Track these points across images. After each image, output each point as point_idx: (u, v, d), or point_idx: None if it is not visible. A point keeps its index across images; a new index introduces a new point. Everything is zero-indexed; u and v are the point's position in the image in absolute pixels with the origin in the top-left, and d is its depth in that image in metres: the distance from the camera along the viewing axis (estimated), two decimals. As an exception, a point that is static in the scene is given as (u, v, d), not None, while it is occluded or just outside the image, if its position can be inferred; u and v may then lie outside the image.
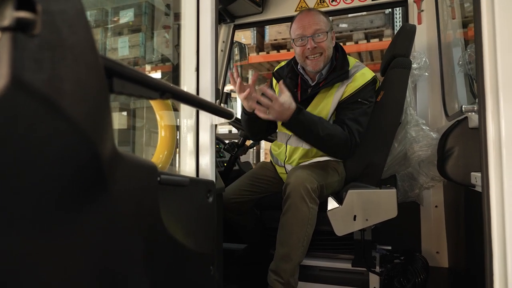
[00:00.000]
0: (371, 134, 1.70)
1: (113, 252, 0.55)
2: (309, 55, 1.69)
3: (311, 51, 1.67)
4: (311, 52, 1.67)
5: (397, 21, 3.87)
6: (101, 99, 0.46)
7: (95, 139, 0.44)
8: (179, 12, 1.82)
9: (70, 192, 0.45)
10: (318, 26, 1.66)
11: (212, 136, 1.08)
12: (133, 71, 0.54)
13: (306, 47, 1.67)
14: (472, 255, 1.43)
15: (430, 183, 1.90)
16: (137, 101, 3.88)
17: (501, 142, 0.85)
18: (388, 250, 1.89)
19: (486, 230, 0.88)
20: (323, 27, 1.67)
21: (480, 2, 0.87)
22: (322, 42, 1.66)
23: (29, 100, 0.36)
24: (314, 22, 1.66)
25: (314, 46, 1.66)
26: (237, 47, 2.84)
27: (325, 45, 1.67)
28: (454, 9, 2.16)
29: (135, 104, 3.89)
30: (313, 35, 1.65)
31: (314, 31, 1.65)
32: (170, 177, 0.73)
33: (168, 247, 0.71)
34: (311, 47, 1.65)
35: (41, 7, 0.37)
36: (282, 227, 1.55)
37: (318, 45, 1.66)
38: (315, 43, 1.66)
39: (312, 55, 1.68)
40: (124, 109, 3.79)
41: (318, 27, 1.65)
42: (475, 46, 0.91)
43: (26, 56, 0.35)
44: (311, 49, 1.66)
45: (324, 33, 1.66)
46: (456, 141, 1.47)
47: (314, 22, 1.66)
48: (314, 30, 1.65)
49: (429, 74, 2.07)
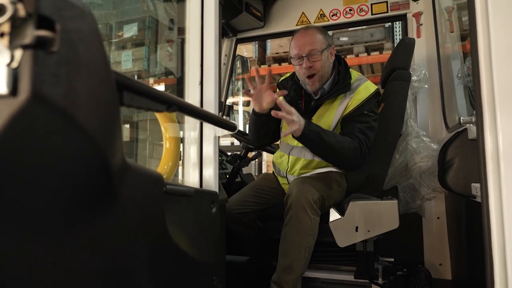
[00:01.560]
0: (372, 145, 1.72)
1: (119, 260, 0.57)
2: (307, 75, 1.73)
3: (307, 71, 1.72)
4: (307, 72, 1.72)
5: (397, 35, 3.93)
6: (113, 111, 0.48)
7: (106, 150, 0.46)
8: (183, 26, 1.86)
9: (81, 200, 0.47)
10: (312, 47, 1.70)
11: (216, 148, 1.10)
12: (142, 85, 0.57)
13: (302, 65, 1.72)
14: (475, 267, 1.43)
15: (432, 194, 1.91)
16: (140, 114, 3.92)
17: (499, 153, 0.87)
18: (391, 262, 1.88)
19: (486, 241, 0.89)
20: (318, 46, 1.71)
21: (476, 17, 0.90)
22: (316, 62, 1.71)
23: (48, 112, 0.38)
24: (309, 42, 1.71)
25: (309, 65, 1.71)
26: (239, 61, 2.89)
27: (319, 64, 1.72)
28: (452, 23, 2.20)
29: (138, 117, 3.92)
30: (308, 55, 1.70)
31: (308, 51, 1.70)
32: (176, 187, 0.75)
33: (172, 256, 0.72)
34: (306, 67, 1.71)
35: (60, 26, 0.39)
36: (284, 238, 1.55)
37: (313, 64, 1.71)
38: (310, 63, 1.71)
39: (309, 75, 1.73)
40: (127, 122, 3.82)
41: (312, 48, 1.70)
42: (472, 59, 0.94)
43: (45, 71, 0.38)
44: (306, 68, 1.71)
45: (318, 54, 1.71)
46: (456, 152, 1.49)
47: (309, 42, 1.71)
48: (308, 51, 1.70)
49: (429, 87, 2.10)
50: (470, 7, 0.92)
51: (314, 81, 1.74)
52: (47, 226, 0.43)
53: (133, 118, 3.89)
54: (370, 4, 2.43)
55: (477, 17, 0.91)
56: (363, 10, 2.44)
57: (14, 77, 0.37)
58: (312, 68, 1.71)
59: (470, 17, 0.93)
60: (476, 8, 0.91)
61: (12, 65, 0.37)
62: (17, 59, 0.37)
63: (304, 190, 1.54)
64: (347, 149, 1.60)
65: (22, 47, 0.37)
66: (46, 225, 0.43)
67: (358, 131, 1.66)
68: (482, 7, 0.90)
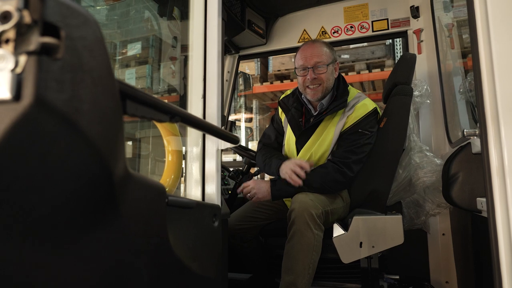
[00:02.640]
0: (375, 160, 1.71)
1: (120, 270, 0.56)
2: (309, 84, 1.75)
3: (311, 81, 1.74)
4: (311, 82, 1.74)
5: (398, 52, 3.97)
6: (116, 120, 0.48)
7: (108, 158, 0.46)
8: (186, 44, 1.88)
9: (82, 208, 0.46)
10: (319, 59, 1.73)
11: (218, 161, 1.10)
12: (145, 95, 0.57)
13: (306, 77, 1.74)
14: (483, 284, 1.40)
15: (436, 210, 1.88)
16: (142, 131, 3.93)
17: (504, 166, 0.87)
18: (396, 279, 1.85)
19: (493, 256, 0.87)
20: (324, 59, 1.73)
21: (477, 29, 0.91)
22: (322, 74, 1.73)
23: (51, 117, 0.38)
24: (315, 54, 1.74)
25: (314, 77, 1.73)
26: (241, 77, 2.91)
27: (325, 76, 1.74)
28: (452, 39, 2.22)
29: (140, 134, 3.94)
30: (313, 66, 1.72)
31: (315, 63, 1.73)
32: (178, 199, 0.75)
33: (174, 268, 0.71)
34: (311, 78, 1.73)
35: (65, 33, 0.40)
36: (287, 254, 1.53)
37: (318, 76, 1.73)
38: (315, 74, 1.73)
39: (312, 85, 1.75)
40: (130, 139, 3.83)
41: (319, 60, 1.73)
42: (474, 72, 0.94)
43: (49, 77, 0.38)
44: (311, 79, 1.73)
45: (324, 66, 1.73)
46: (460, 166, 1.47)
47: (316, 54, 1.73)
48: (315, 62, 1.73)
49: (431, 102, 2.11)
50: (471, 20, 0.93)
51: (317, 90, 1.75)
52: (47, 232, 0.42)
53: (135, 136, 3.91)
54: (371, 21, 2.46)
55: (478, 30, 0.91)
56: (364, 27, 2.47)
57: (18, 83, 0.37)
58: (316, 80, 1.73)
59: (471, 29, 0.93)
60: (476, 21, 0.92)
61: (16, 70, 0.37)
62: (22, 64, 0.37)
63: (307, 205, 1.52)
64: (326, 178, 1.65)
65: (27, 53, 0.38)
66: (46, 232, 0.42)
67: (347, 151, 1.68)
68: (483, 19, 0.91)
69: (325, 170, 1.67)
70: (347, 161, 1.65)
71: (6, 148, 0.36)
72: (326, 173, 1.66)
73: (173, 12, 2.36)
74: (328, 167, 1.67)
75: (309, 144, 1.78)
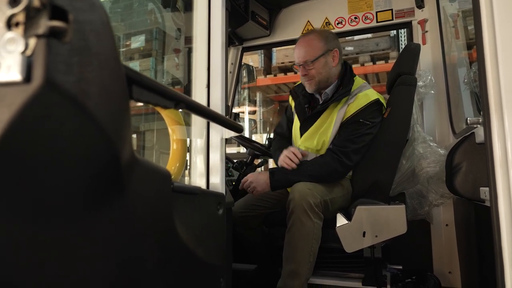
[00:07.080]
0: (378, 150, 1.72)
1: (126, 254, 0.57)
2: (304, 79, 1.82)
3: (303, 77, 1.81)
4: (303, 78, 1.81)
5: (402, 43, 3.94)
6: (122, 103, 0.49)
7: (116, 140, 0.47)
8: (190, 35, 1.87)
9: (90, 190, 0.47)
10: (305, 57, 1.77)
11: (222, 150, 1.11)
12: (151, 81, 0.58)
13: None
14: (486, 275, 1.41)
15: (440, 200, 1.89)
16: (147, 124, 3.95)
17: (507, 156, 0.87)
18: (399, 270, 1.86)
19: (496, 246, 0.88)
20: (312, 55, 1.76)
21: (481, 18, 0.91)
22: (310, 70, 1.77)
23: (60, 99, 0.39)
24: (302, 52, 1.78)
25: (304, 73, 1.79)
26: (245, 69, 2.91)
27: (315, 72, 1.77)
28: (457, 29, 2.21)
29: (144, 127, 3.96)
30: (303, 64, 1.78)
31: (303, 61, 1.78)
32: (183, 185, 0.76)
33: (180, 253, 0.72)
34: (302, 74, 1.80)
35: (73, 17, 0.41)
36: (288, 243, 1.55)
37: (308, 72, 1.78)
38: (306, 71, 1.78)
39: (305, 79, 1.81)
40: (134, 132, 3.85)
41: (305, 58, 1.77)
42: (478, 61, 0.94)
43: (58, 60, 0.39)
44: (302, 75, 1.80)
45: (310, 63, 1.76)
46: (464, 156, 1.47)
47: (303, 51, 1.78)
48: (303, 60, 1.78)
49: (435, 92, 2.10)
50: (475, 10, 0.93)
51: (310, 83, 1.81)
52: (55, 214, 0.43)
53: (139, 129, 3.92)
54: (375, 12, 2.44)
55: (482, 19, 0.91)
56: (368, 18, 2.46)
57: (28, 65, 0.38)
58: (307, 76, 1.79)
59: (475, 19, 0.93)
60: (481, 11, 0.92)
61: (26, 53, 0.38)
62: (31, 47, 0.38)
63: (305, 194, 1.54)
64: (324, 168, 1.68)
65: (36, 36, 0.38)
66: (55, 214, 0.43)
67: (346, 140, 1.70)
68: (488, 9, 0.91)
69: (323, 159, 1.70)
70: (345, 150, 1.67)
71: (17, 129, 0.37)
72: (324, 162, 1.68)
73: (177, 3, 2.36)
74: (326, 157, 1.70)
75: (312, 130, 1.80)
